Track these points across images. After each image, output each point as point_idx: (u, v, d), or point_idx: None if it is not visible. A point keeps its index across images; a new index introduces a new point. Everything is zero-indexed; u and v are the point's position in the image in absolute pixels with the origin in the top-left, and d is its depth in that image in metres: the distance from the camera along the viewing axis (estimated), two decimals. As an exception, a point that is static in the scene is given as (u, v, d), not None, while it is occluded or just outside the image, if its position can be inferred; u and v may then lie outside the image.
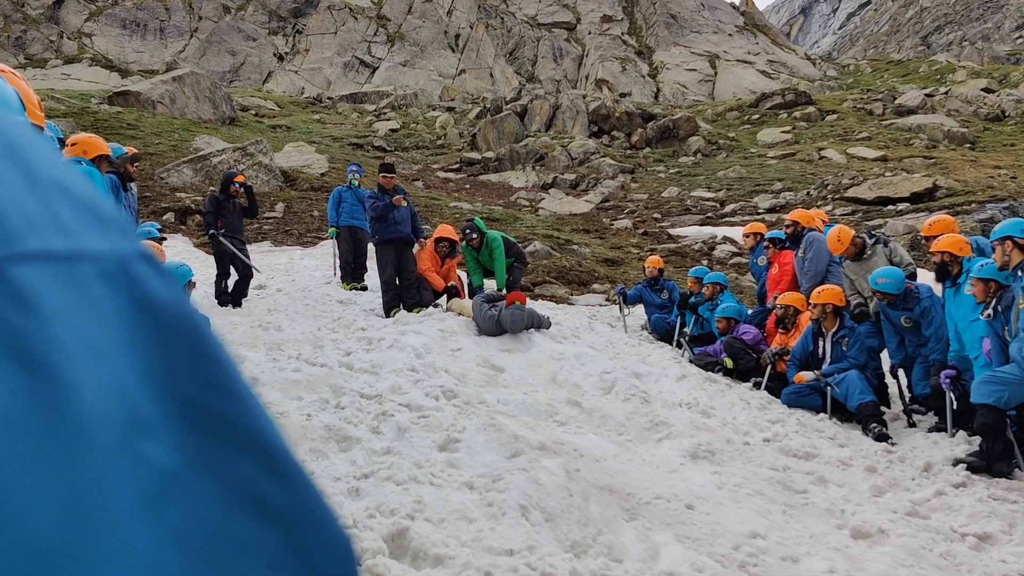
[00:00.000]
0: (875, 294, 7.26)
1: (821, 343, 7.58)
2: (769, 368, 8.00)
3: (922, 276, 8.21)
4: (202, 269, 10.50)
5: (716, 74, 61.21)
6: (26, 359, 0.34)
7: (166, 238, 10.03)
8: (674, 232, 21.16)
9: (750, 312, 9.66)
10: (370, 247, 10.88)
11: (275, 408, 4.88)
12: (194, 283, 7.05)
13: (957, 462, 5.66)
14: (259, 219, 15.78)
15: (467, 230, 9.60)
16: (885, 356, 7.77)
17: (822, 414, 7.08)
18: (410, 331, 7.58)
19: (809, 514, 4.59)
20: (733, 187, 27.09)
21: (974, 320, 6.20)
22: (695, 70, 62.10)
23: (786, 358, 7.89)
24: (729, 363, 8.51)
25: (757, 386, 7.96)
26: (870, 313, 7.80)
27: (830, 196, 23.27)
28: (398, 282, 9.38)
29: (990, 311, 5.90)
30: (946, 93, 43.01)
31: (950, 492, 5.12)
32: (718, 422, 6.24)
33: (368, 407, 5.19)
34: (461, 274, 10.47)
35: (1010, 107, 38.71)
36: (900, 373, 7.59)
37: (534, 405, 5.87)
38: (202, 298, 9.74)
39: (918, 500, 4.94)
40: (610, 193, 27.33)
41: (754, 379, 8.18)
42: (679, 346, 10.01)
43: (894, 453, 6.05)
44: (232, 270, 9.90)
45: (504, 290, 9.25)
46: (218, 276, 9.86)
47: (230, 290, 9.84)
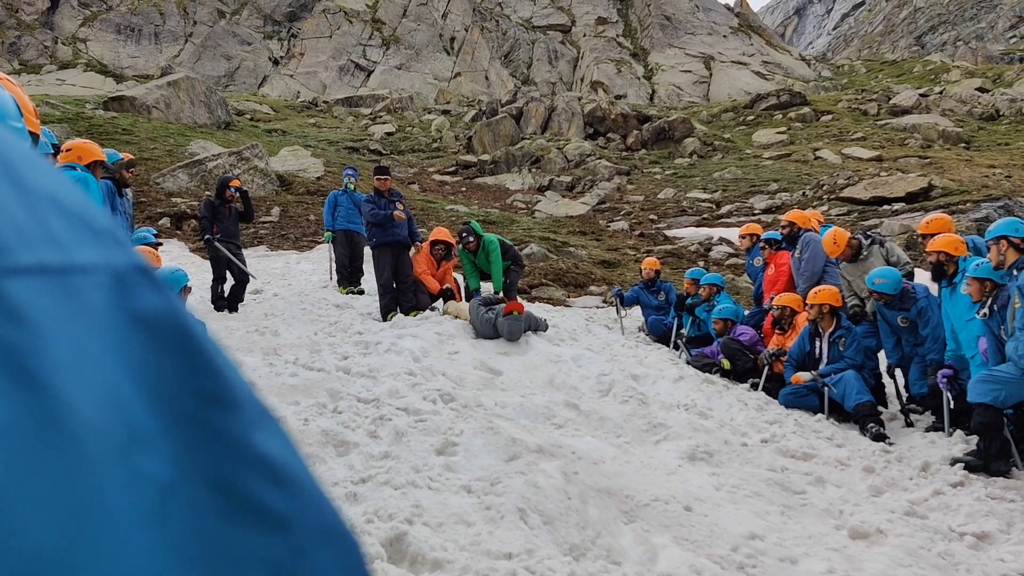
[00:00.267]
0: (872, 294, 7.26)
1: (818, 343, 7.58)
2: (766, 369, 8.00)
3: (919, 276, 8.22)
4: (198, 274, 10.48)
5: (711, 75, 61.36)
6: (18, 372, 0.34)
7: (162, 243, 10.01)
8: (670, 234, 21.18)
9: (747, 313, 9.66)
10: (366, 251, 10.88)
11: (272, 413, 4.85)
12: (190, 288, 7.03)
13: (955, 461, 5.67)
14: (255, 223, 15.77)
15: (464, 233, 9.58)
16: (882, 356, 7.77)
17: (819, 415, 7.08)
18: (407, 335, 7.57)
19: (807, 515, 4.59)
20: (729, 188, 27.13)
21: (970, 319, 6.20)
22: (690, 72, 62.25)
23: (783, 359, 7.89)
24: (726, 364, 8.51)
25: (754, 387, 7.96)
26: (867, 314, 7.80)
27: (826, 196, 23.31)
28: (395, 286, 9.37)
29: (986, 310, 5.91)
30: (940, 93, 43.15)
31: (948, 491, 5.12)
32: (716, 423, 6.23)
33: (365, 411, 5.17)
34: (457, 277, 10.46)
35: (1004, 106, 38.85)
36: (897, 373, 7.59)
37: (532, 408, 5.86)
38: (198, 303, 9.73)
39: (916, 500, 4.94)
40: (606, 195, 27.35)
41: (751, 380, 8.18)
42: (676, 348, 10.01)
43: (892, 453, 6.05)
44: (228, 275, 9.89)
45: (501, 293, 9.24)
46: (214, 281, 9.85)
47: (226, 295, 9.82)
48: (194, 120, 31.90)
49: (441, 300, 9.64)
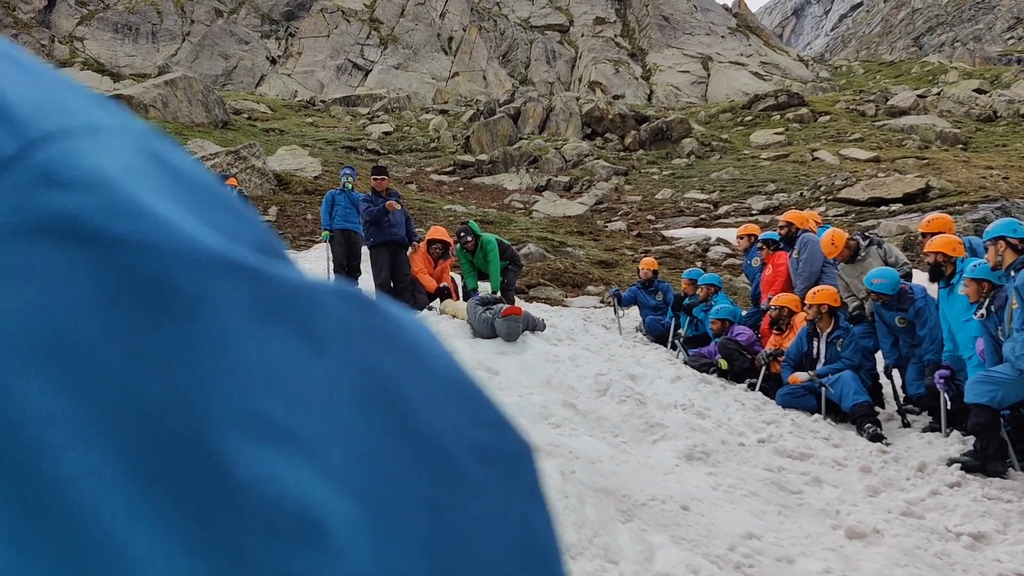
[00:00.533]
0: (870, 295, 7.25)
1: (816, 343, 7.58)
2: (764, 369, 7.99)
3: (917, 276, 8.22)
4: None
5: (709, 76, 61.43)
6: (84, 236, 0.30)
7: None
8: (668, 234, 21.20)
9: (744, 313, 9.67)
10: (364, 250, 10.86)
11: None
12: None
13: (951, 462, 5.66)
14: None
15: (462, 233, 9.57)
16: (879, 357, 7.77)
17: (816, 415, 7.08)
18: (404, 334, 7.56)
19: (804, 514, 4.59)
20: (726, 189, 27.15)
21: (967, 320, 6.20)
22: (688, 72, 62.31)
23: (780, 359, 7.89)
24: (724, 364, 8.51)
25: (752, 387, 7.95)
26: (866, 315, 7.80)
27: (823, 197, 23.34)
28: (393, 285, 9.35)
29: (983, 311, 5.91)
30: (938, 94, 43.24)
31: (945, 492, 5.12)
32: (713, 423, 6.23)
33: (363, 410, 5.16)
34: (455, 276, 10.44)
35: (1002, 108, 38.93)
36: (894, 373, 7.60)
37: (529, 407, 5.85)
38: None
39: (913, 500, 4.94)
40: (604, 195, 27.36)
41: (749, 380, 8.17)
42: (674, 348, 10.02)
43: (888, 453, 6.05)
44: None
45: (499, 293, 9.23)
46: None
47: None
48: (191, 119, 31.87)
49: (438, 299, 9.64)
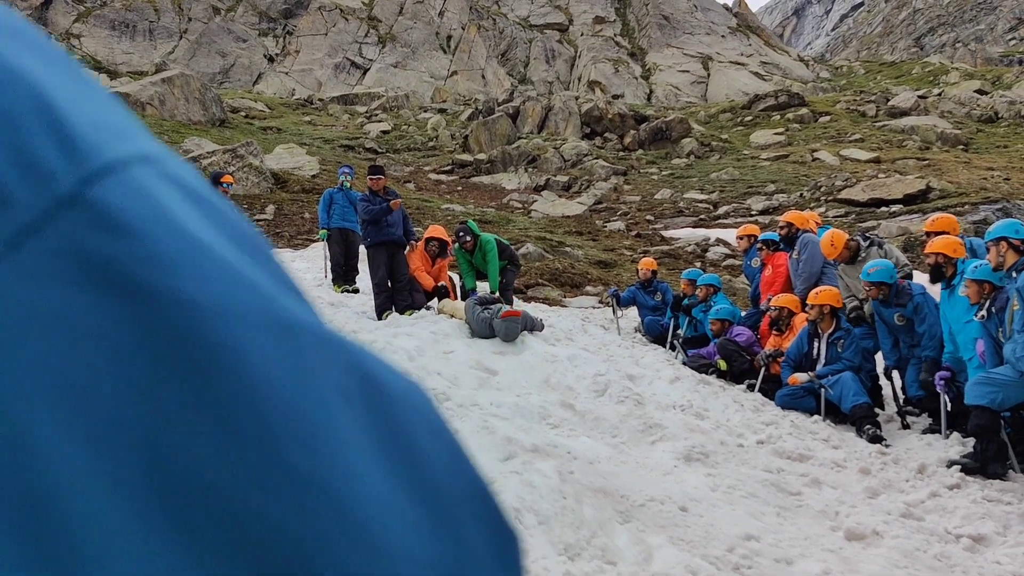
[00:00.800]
0: (868, 289, 7.19)
1: (816, 344, 7.56)
2: (763, 370, 7.97)
3: (917, 278, 8.20)
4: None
5: (709, 76, 61.43)
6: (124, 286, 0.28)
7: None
8: (667, 234, 21.19)
9: (744, 314, 9.65)
10: (361, 249, 10.84)
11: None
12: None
13: (951, 464, 5.65)
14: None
15: (460, 232, 9.53)
16: (879, 358, 7.76)
17: (816, 416, 7.06)
18: (402, 333, 7.53)
19: (803, 516, 4.57)
20: (726, 189, 27.15)
21: (968, 321, 6.18)
22: (688, 72, 62.31)
23: (779, 360, 7.87)
24: (723, 365, 8.48)
25: (751, 388, 7.93)
26: (866, 317, 7.78)
27: (823, 198, 23.34)
28: (390, 284, 9.32)
29: (984, 312, 5.89)
30: (939, 95, 43.26)
31: (944, 494, 5.11)
32: (712, 424, 6.21)
33: (360, 410, 5.13)
34: (452, 275, 10.42)
35: (1003, 108, 38.96)
36: (894, 375, 7.58)
37: (527, 408, 5.83)
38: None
39: (912, 502, 4.92)
40: (603, 195, 27.35)
41: (748, 381, 8.15)
42: (672, 348, 9.99)
43: (888, 455, 6.03)
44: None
45: (497, 293, 9.20)
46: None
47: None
48: (189, 117, 31.82)
49: (436, 298, 9.60)
